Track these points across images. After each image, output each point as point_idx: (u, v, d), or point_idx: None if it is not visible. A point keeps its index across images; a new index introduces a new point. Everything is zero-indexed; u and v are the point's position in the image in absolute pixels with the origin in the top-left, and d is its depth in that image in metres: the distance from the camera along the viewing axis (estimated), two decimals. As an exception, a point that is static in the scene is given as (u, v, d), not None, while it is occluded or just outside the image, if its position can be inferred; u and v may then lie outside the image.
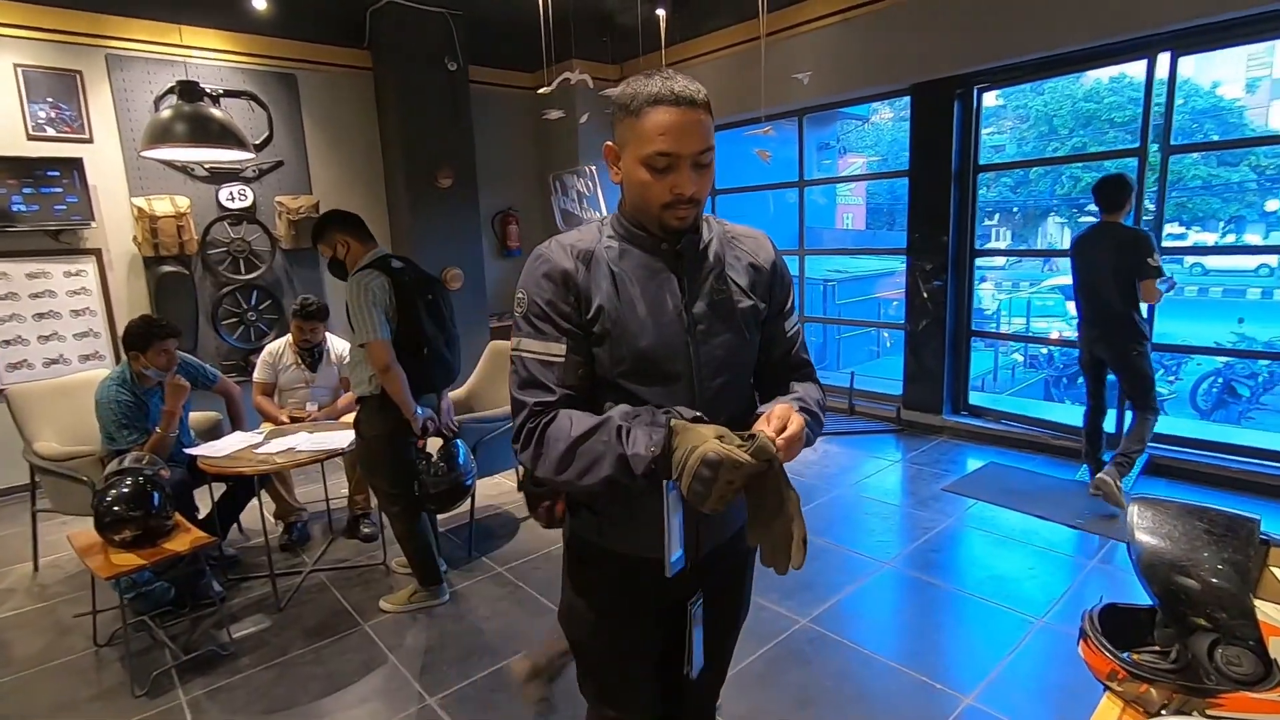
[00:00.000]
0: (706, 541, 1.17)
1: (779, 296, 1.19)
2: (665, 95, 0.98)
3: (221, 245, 4.67)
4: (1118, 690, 0.90)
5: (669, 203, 1.03)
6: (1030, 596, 2.71)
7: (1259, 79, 20.86)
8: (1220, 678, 0.80)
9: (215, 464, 2.74)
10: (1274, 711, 0.76)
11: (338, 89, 5.14)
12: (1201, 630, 0.82)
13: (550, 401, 1.04)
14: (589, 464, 0.97)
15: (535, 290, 1.07)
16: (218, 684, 2.33)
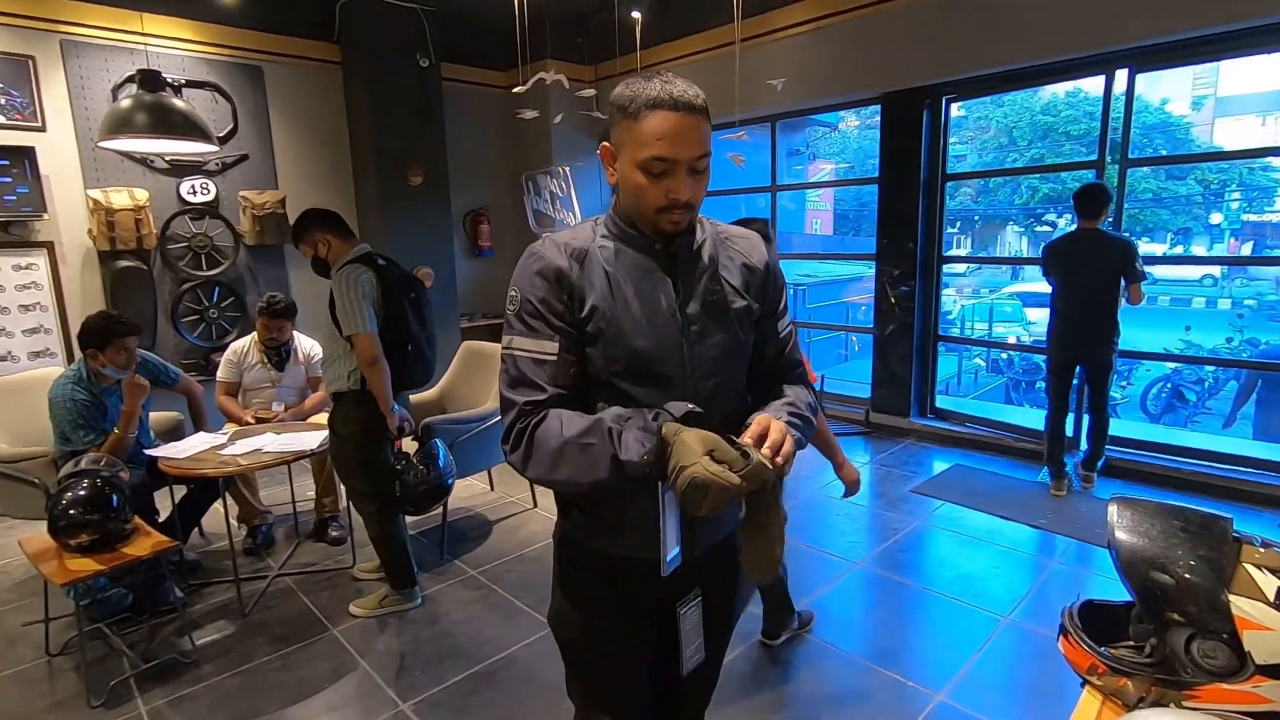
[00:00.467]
0: (701, 541, 1.17)
1: (772, 296, 1.19)
2: (664, 99, 0.98)
3: (182, 240, 4.52)
4: (1097, 684, 0.93)
5: (664, 207, 1.03)
6: (996, 595, 2.78)
7: (1204, 97, 21.79)
8: (1196, 670, 0.83)
9: (177, 465, 2.66)
10: (1247, 701, 0.79)
11: (306, 83, 5.03)
12: (1178, 625, 0.85)
13: (541, 400, 1.03)
14: (581, 466, 0.96)
15: (529, 288, 1.06)
16: (180, 693, 2.26)
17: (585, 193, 6.02)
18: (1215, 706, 0.81)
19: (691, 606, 1.17)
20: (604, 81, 5.77)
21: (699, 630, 1.18)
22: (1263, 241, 18.42)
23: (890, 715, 2.11)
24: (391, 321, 2.51)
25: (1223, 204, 18.43)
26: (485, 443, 3.37)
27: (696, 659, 1.19)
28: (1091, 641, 0.93)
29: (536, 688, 2.27)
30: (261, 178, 4.84)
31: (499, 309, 6.42)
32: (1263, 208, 18.33)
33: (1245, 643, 0.80)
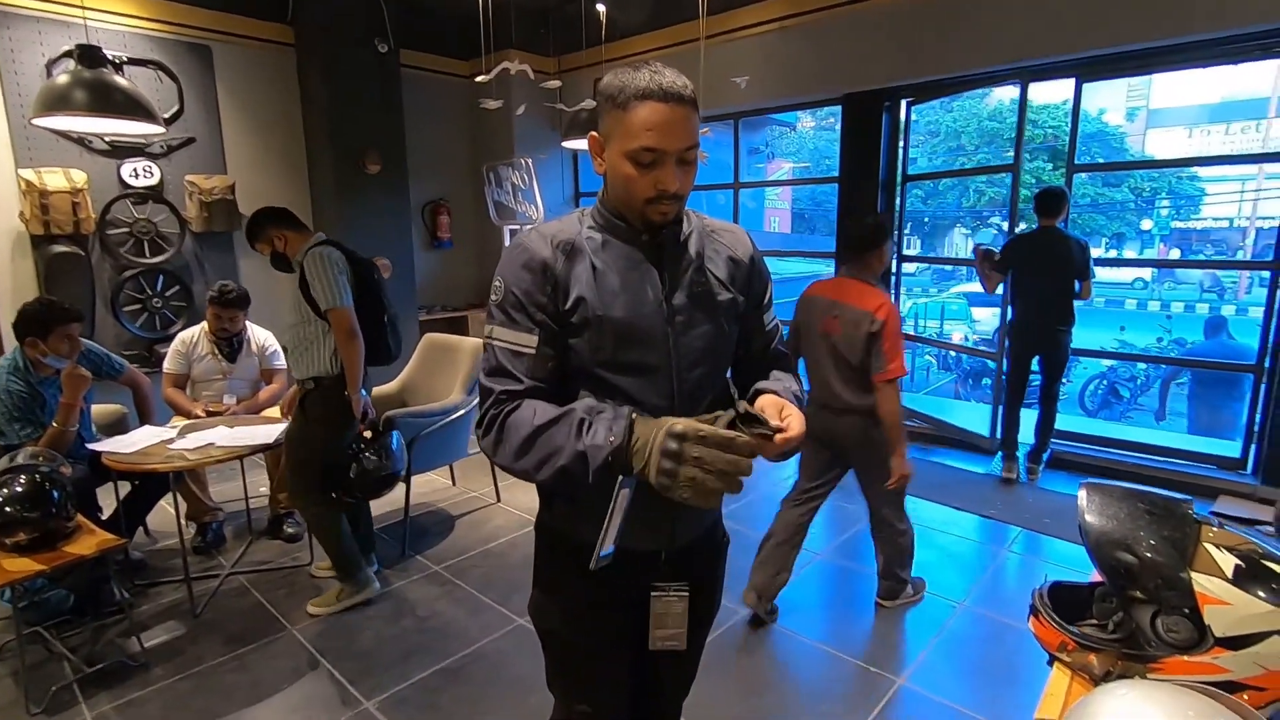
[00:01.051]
0: (683, 534, 1.18)
1: (757, 289, 1.20)
2: (653, 90, 0.97)
3: (123, 225, 4.31)
4: (1067, 660, 0.97)
5: (653, 198, 1.03)
6: (951, 582, 2.88)
7: (1137, 109, 22.90)
8: (1160, 644, 0.88)
9: (123, 460, 2.53)
10: (1206, 672, 0.85)
11: (257, 64, 4.84)
12: (1143, 602, 0.89)
13: (517, 391, 1.03)
14: (547, 454, 0.96)
15: (513, 279, 1.06)
16: (128, 697, 2.16)
17: (548, 185, 5.97)
18: (1177, 677, 0.85)
19: (671, 595, 1.17)
20: (568, 74, 5.72)
21: (680, 619, 1.18)
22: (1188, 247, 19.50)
23: (855, 700, 2.16)
24: (366, 296, 2.55)
25: (1153, 211, 19.42)
26: (447, 437, 3.32)
27: (673, 644, 1.19)
28: (1061, 620, 0.98)
29: (505, 682, 2.25)
30: (209, 162, 4.65)
31: (459, 302, 6.33)
32: (1188, 215, 19.39)
33: (1205, 617, 0.85)
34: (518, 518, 3.54)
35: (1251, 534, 0.92)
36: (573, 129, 4.26)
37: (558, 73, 5.68)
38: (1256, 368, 3.67)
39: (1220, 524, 0.92)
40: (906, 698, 2.17)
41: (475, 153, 6.18)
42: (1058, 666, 0.99)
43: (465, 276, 6.47)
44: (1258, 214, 17.65)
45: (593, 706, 1.23)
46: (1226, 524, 0.94)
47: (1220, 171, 18.82)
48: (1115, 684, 0.81)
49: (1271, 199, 16.48)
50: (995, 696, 2.18)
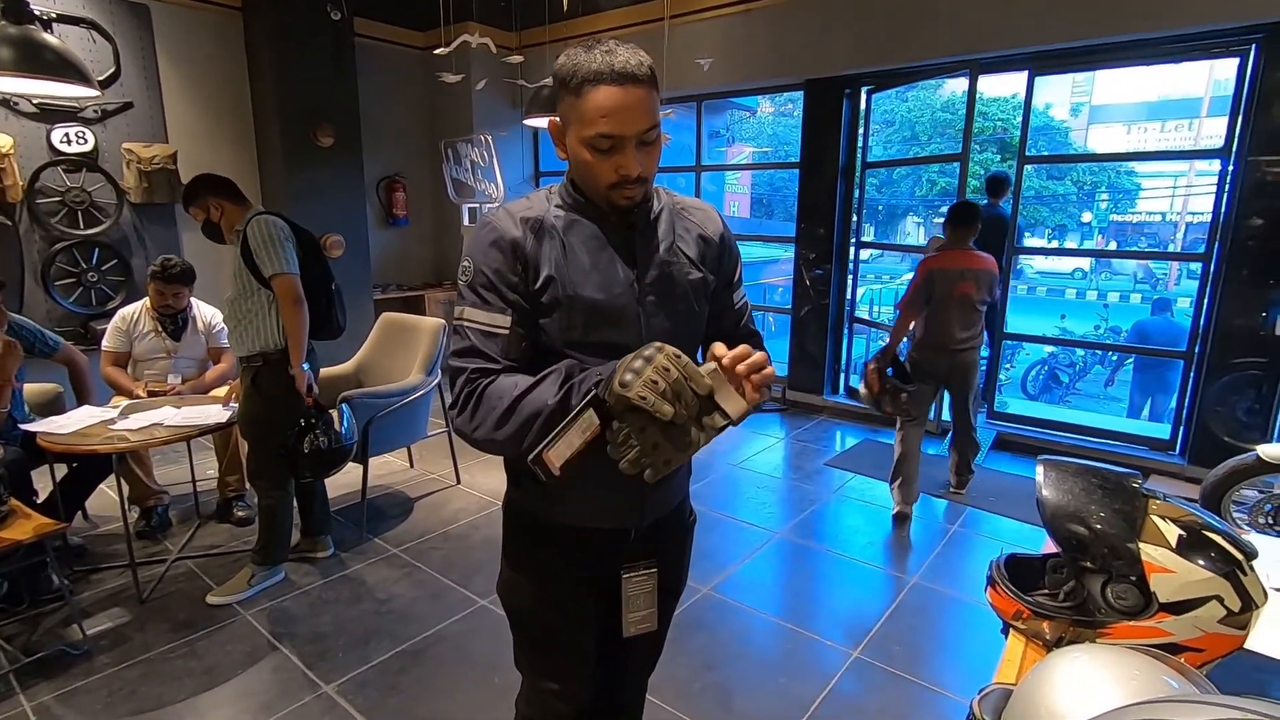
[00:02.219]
0: (652, 511, 1.19)
1: (727, 268, 1.20)
2: (605, 73, 0.94)
3: (55, 194, 4.06)
4: (1021, 628, 1.02)
5: (615, 183, 1.01)
6: (903, 558, 2.98)
7: (1081, 104, 23.74)
8: (1109, 611, 0.93)
9: (62, 442, 2.41)
10: (1151, 635, 0.90)
11: (200, 27, 4.60)
12: (1094, 571, 0.94)
13: (492, 370, 1.01)
14: (530, 415, 0.94)
15: (482, 259, 1.03)
16: (71, 686, 2.08)
17: (508, 163, 5.87)
18: (1124, 641, 0.91)
19: (640, 575, 1.17)
20: (530, 49, 5.61)
21: (650, 599, 1.18)
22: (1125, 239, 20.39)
23: (811, 672, 2.23)
24: (313, 266, 2.50)
25: (1093, 204, 20.22)
26: (406, 418, 3.26)
27: (645, 627, 1.20)
28: (1017, 590, 1.02)
29: (468, 663, 2.24)
30: (148, 129, 4.41)
31: (415, 281, 6.19)
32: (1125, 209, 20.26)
33: (1152, 584, 0.90)
34: (478, 499, 3.51)
35: (1193, 507, 0.98)
36: (534, 106, 4.19)
37: (519, 48, 5.56)
38: (1186, 354, 3.87)
39: (1165, 497, 0.98)
40: (861, 669, 2.24)
41: (433, 128, 6.03)
42: (1013, 634, 1.04)
43: (422, 255, 6.34)
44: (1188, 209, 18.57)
45: (560, 684, 1.24)
46: (1171, 498, 1.00)
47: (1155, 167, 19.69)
48: (1068, 649, 0.86)
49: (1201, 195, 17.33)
50: (946, 666, 2.28)
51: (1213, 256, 3.66)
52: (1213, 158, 3.70)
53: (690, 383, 0.85)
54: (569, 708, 1.25)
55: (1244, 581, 0.89)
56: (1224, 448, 3.47)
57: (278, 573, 2.69)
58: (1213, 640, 0.89)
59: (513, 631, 1.25)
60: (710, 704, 2.09)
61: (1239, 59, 3.47)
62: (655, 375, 0.83)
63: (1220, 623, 0.88)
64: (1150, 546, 0.91)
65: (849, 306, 5.09)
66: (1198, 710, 0.53)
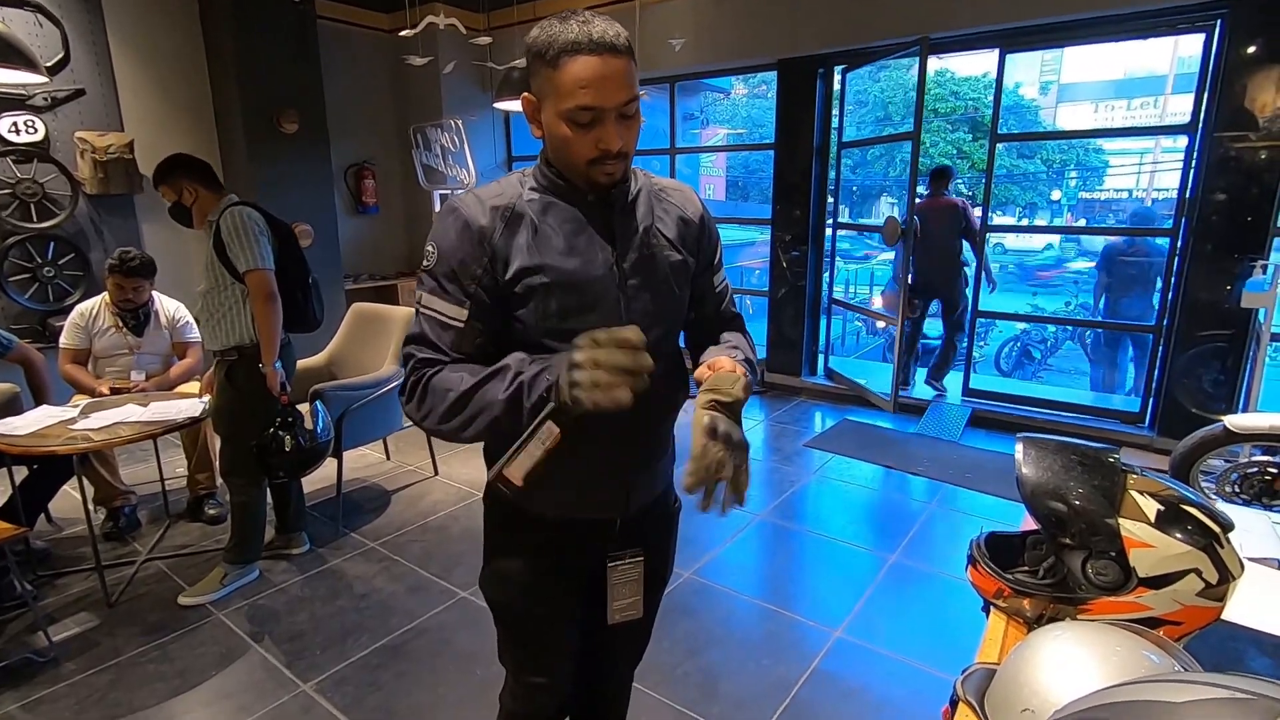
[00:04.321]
0: (637, 500, 1.16)
1: (707, 250, 1.17)
2: (583, 43, 0.90)
3: (5, 186, 3.90)
4: (1002, 606, 1.02)
5: (595, 159, 0.97)
6: (882, 537, 3.01)
7: (1049, 83, 23.96)
8: (1089, 587, 0.93)
9: (18, 443, 2.32)
10: (1130, 610, 0.90)
11: (154, 10, 4.43)
12: (1074, 548, 0.94)
13: (439, 360, 0.99)
14: (478, 411, 0.92)
15: (447, 247, 0.99)
16: (36, 694, 2.02)
17: (479, 148, 5.77)
18: (1105, 616, 0.91)
19: (626, 563, 1.16)
20: (499, 30, 5.49)
21: (635, 587, 1.17)
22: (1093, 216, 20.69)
23: (795, 652, 2.24)
24: (288, 260, 2.44)
25: (1063, 182, 20.49)
26: (380, 410, 3.20)
27: (630, 614, 1.19)
28: (998, 568, 1.02)
29: (450, 656, 2.22)
30: (102, 117, 4.25)
31: (387, 270, 6.08)
32: (1094, 186, 20.55)
33: (1131, 559, 0.90)
34: (457, 490, 3.47)
35: (1171, 481, 0.98)
36: (505, 88, 4.10)
37: (488, 29, 5.44)
38: (1155, 328, 3.94)
39: (1142, 472, 0.98)
40: (843, 648, 2.26)
41: (401, 113, 5.90)
42: (994, 612, 1.04)
43: (393, 243, 6.22)
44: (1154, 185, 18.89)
45: (546, 677, 1.22)
46: (1147, 472, 1.00)
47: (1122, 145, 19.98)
48: (1050, 626, 0.85)
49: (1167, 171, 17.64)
50: (927, 643, 2.30)
51: (1179, 232, 3.71)
52: (1179, 134, 3.74)
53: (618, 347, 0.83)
54: (554, 700, 1.24)
55: (1221, 554, 0.89)
56: (1192, 419, 3.55)
57: (252, 571, 2.64)
58: (1191, 613, 0.89)
59: (496, 625, 1.23)
60: (694, 688, 2.09)
61: (1204, 34, 3.50)
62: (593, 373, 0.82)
63: (1199, 595, 0.88)
64: (1129, 522, 0.91)
65: (826, 288, 5.09)
66: (1185, 690, 0.52)
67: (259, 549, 2.65)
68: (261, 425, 2.40)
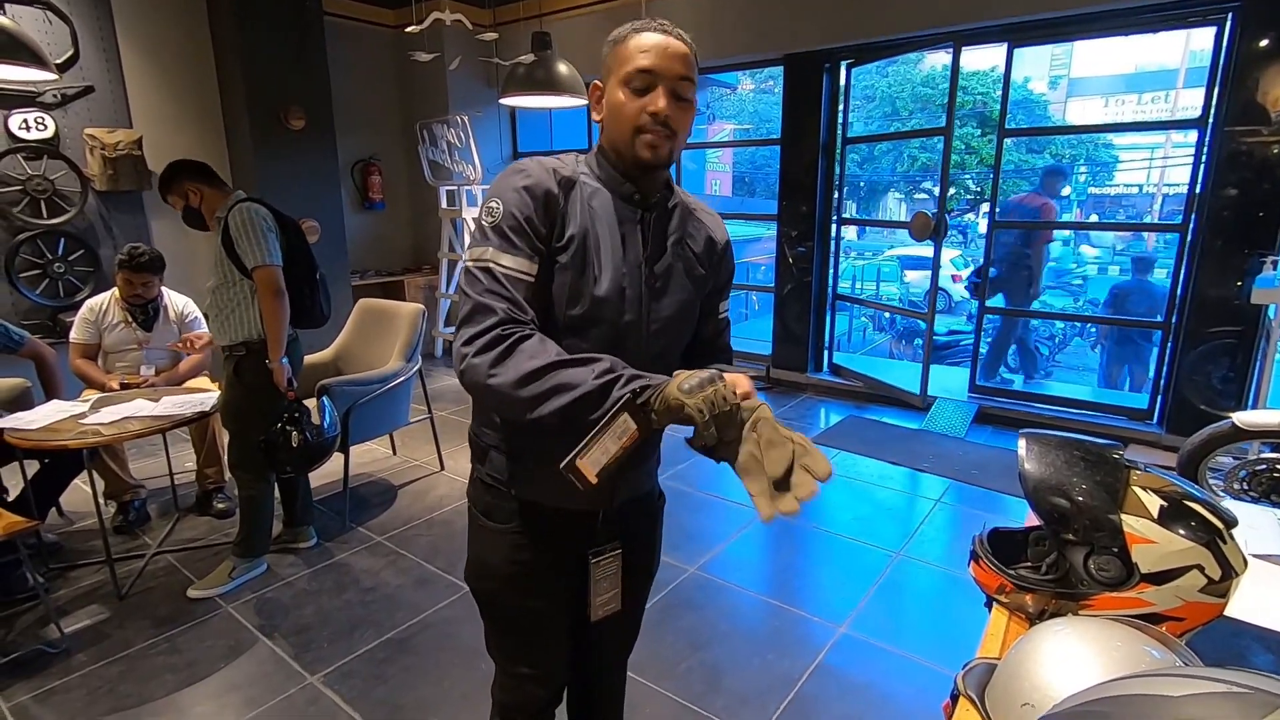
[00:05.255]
0: (621, 494, 1.18)
1: (723, 276, 1.21)
2: (650, 25, 1.03)
3: (15, 183, 3.93)
4: (1004, 602, 1.02)
5: (642, 125, 1.00)
6: (888, 533, 3.00)
7: (1059, 77, 23.76)
8: (1091, 582, 0.93)
9: (29, 437, 2.35)
10: (1132, 606, 0.90)
11: (162, 7, 4.45)
12: (1077, 543, 0.94)
13: (524, 319, 0.96)
14: (557, 387, 0.89)
15: (515, 201, 1.00)
16: (48, 685, 2.04)
17: (485, 144, 5.77)
18: (1107, 612, 0.91)
19: (606, 557, 1.17)
20: (505, 26, 5.49)
21: (615, 580, 1.18)
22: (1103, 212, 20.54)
23: (799, 648, 2.25)
24: (296, 256, 2.46)
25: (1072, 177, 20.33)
26: (387, 405, 3.22)
27: (610, 608, 1.20)
28: (1000, 564, 1.02)
29: (454, 650, 2.23)
30: (112, 114, 4.27)
31: (394, 265, 6.10)
32: (1104, 182, 20.40)
33: (1134, 555, 0.90)
34: (462, 485, 3.48)
35: (1173, 476, 0.98)
36: (510, 84, 4.10)
37: (494, 25, 5.45)
38: (1164, 325, 3.91)
39: (1145, 468, 0.97)
40: (847, 644, 2.26)
41: (408, 109, 5.91)
42: (996, 608, 1.04)
43: (400, 239, 6.24)
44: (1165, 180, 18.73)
45: (534, 668, 1.23)
46: (1151, 468, 0.99)
47: (1132, 140, 19.81)
48: (1050, 622, 0.86)
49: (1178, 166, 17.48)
50: (932, 638, 2.30)
51: (1189, 227, 3.68)
52: (1190, 128, 3.71)
53: (739, 415, 0.87)
54: (545, 692, 1.25)
55: (1224, 550, 0.89)
56: (1201, 416, 3.52)
57: (260, 564, 2.66)
58: (1193, 609, 0.89)
59: (483, 617, 1.24)
60: (697, 683, 2.10)
61: (1215, 27, 3.46)
62: (713, 398, 0.84)
63: (1201, 591, 0.88)
64: (1132, 518, 0.91)
65: (831, 283, 5.08)
66: (1184, 684, 0.53)
67: (267, 543, 2.67)
68: (268, 420, 2.41)
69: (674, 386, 0.86)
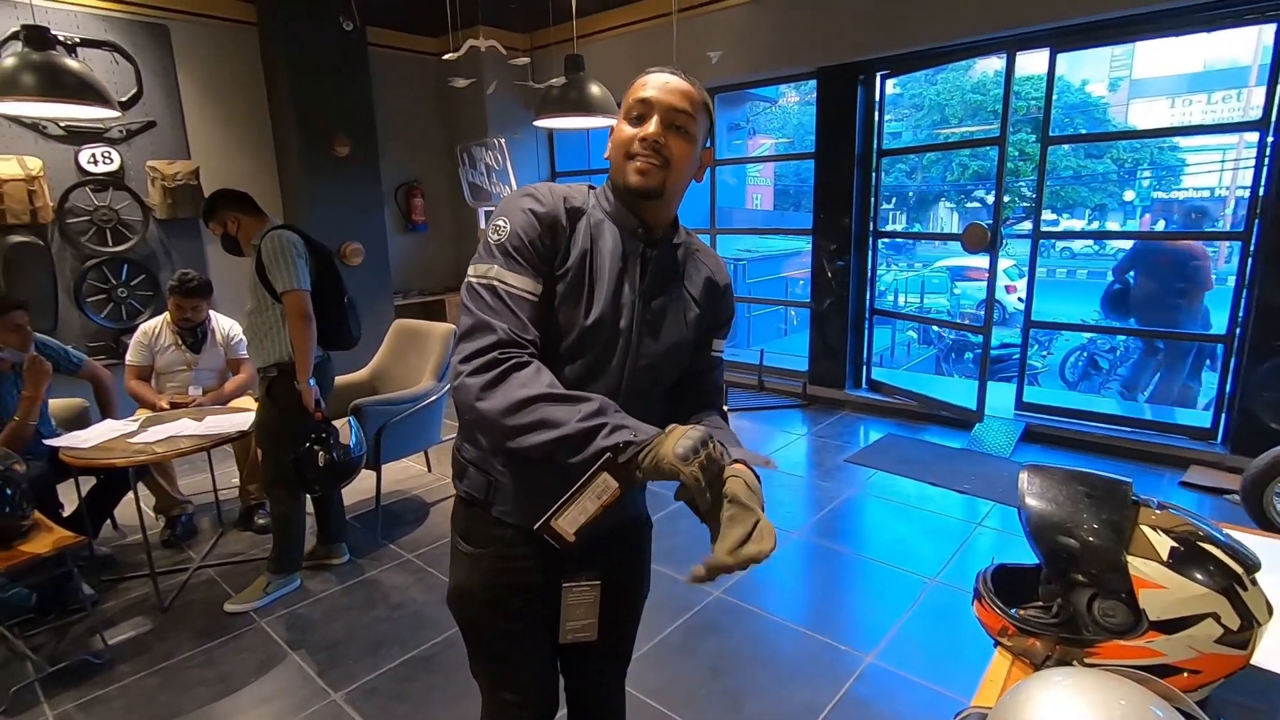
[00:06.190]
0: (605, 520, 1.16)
1: (721, 315, 1.21)
2: (662, 68, 1.06)
3: (84, 213, 4.20)
4: (1008, 645, 0.96)
5: (632, 151, 1.02)
6: (924, 558, 2.89)
7: (1120, 79, 22.86)
8: (1097, 629, 0.87)
9: (81, 455, 2.48)
10: (1141, 656, 0.84)
11: (218, 44, 4.70)
12: (1081, 585, 0.88)
13: (525, 340, 0.97)
14: (541, 421, 0.89)
15: (521, 223, 1.01)
16: (91, 695, 2.14)
17: (523, 165, 5.88)
18: (1113, 662, 0.85)
19: (581, 585, 1.14)
20: (540, 50, 5.60)
21: (591, 609, 1.15)
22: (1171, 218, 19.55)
23: (822, 677, 2.17)
24: (326, 281, 2.55)
25: (1135, 182, 19.46)
26: (419, 424, 3.29)
27: (584, 636, 1.17)
28: (1003, 604, 0.97)
29: (474, 670, 2.24)
30: (171, 146, 4.53)
31: (435, 286, 6.25)
32: (1170, 186, 19.45)
33: (1141, 601, 0.84)
34: (494, 503, 3.52)
35: (1191, 515, 0.91)
36: (545, 107, 4.17)
37: (530, 49, 5.56)
38: (1227, 338, 3.68)
39: (1160, 505, 0.91)
40: (874, 675, 2.18)
41: (448, 133, 6.07)
42: (1000, 651, 0.98)
43: (441, 260, 6.39)
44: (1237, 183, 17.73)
45: (520, 694, 1.22)
46: (1169, 506, 0.93)
47: (1201, 141, 18.85)
48: (1047, 671, 0.80)
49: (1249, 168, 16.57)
50: (966, 673, 2.20)
51: (1253, 234, 3.47)
52: (1250, 130, 3.51)
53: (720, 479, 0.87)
54: (530, 717, 1.23)
55: (1244, 597, 0.82)
56: (1270, 435, 3.30)
57: (294, 580, 2.73)
58: (1210, 661, 0.82)
59: (465, 642, 1.24)
60: (719, 710, 2.05)
61: (1277, 24, 3.27)
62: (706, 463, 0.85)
63: (1217, 642, 0.81)
64: (1139, 560, 0.85)
65: (869, 298, 4.97)
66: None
67: (299, 559, 2.75)
68: (298, 440, 2.49)
69: (668, 449, 0.85)
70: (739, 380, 5.51)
